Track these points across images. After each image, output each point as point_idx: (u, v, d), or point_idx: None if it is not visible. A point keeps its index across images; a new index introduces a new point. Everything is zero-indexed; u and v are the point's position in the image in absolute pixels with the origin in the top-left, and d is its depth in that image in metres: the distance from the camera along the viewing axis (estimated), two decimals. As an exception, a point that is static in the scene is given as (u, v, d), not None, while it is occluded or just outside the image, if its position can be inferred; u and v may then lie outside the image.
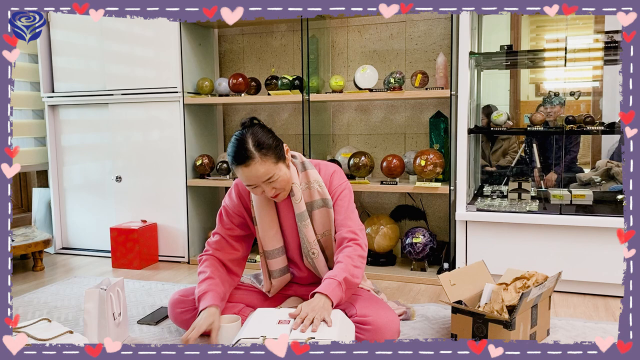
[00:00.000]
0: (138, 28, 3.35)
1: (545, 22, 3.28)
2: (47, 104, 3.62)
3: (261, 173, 1.81)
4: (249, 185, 1.87)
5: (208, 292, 1.91)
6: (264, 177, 1.83)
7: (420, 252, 2.94)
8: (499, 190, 3.12)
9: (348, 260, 1.85)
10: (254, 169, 1.81)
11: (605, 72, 3.10)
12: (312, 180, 1.98)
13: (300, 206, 1.97)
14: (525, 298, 1.78)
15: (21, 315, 2.43)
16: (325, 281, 1.80)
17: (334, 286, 1.77)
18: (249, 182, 1.85)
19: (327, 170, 2.03)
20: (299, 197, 1.96)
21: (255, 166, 1.80)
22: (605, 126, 2.77)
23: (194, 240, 3.44)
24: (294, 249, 2.08)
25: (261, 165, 1.81)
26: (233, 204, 2.06)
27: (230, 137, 3.75)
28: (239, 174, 1.85)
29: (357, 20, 3.40)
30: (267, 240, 2.03)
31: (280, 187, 1.89)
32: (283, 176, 1.88)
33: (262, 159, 1.81)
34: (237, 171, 1.85)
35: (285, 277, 2.11)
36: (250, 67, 3.68)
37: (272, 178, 1.84)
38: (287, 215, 2.03)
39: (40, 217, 3.78)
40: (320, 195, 1.98)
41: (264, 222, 2.01)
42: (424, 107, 3.34)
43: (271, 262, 2.06)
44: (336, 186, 2.01)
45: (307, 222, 1.97)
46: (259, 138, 1.83)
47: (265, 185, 1.85)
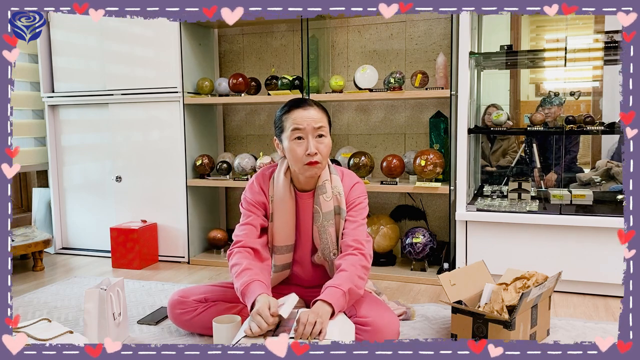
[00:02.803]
0: (138, 28, 3.35)
1: (545, 22, 3.28)
2: (47, 104, 3.62)
3: (316, 117, 1.87)
4: (297, 130, 1.86)
5: (252, 283, 1.80)
6: (317, 123, 1.86)
7: (420, 252, 2.94)
8: (499, 190, 3.12)
9: (352, 269, 1.83)
10: (311, 112, 1.87)
11: (605, 72, 3.10)
12: (334, 186, 1.98)
13: (329, 204, 1.96)
14: (525, 298, 1.78)
15: (21, 315, 2.43)
16: (329, 289, 1.77)
17: (338, 295, 1.75)
18: (301, 122, 1.86)
19: (350, 181, 2.02)
20: (330, 195, 1.96)
21: (313, 111, 1.88)
22: (605, 126, 2.77)
23: (194, 240, 3.44)
24: (304, 249, 2.06)
25: (318, 113, 1.88)
26: (254, 195, 2.02)
27: (231, 137, 3.78)
28: (291, 118, 1.87)
29: (357, 20, 3.40)
30: (280, 237, 2.01)
31: (322, 153, 1.89)
32: (328, 142, 1.91)
33: (319, 110, 1.90)
34: (289, 117, 1.88)
35: (284, 273, 2.11)
36: (250, 67, 3.68)
37: (322, 130, 1.87)
38: (304, 216, 2.02)
39: (40, 217, 3.78)
40: (337, 203, 1.97)
41: (281, 218, 1.99)
42: (424, 107, 3.34)
43: (278, 256, 2.04)
44: (355, 197, 2.00)
45: (332, 221, 1.96)
46: (317, 102, 1.96)
47: (312, 137, 1.86)
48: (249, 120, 3.75)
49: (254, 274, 1.84)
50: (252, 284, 1.80)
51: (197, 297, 2.07)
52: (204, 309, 2.04)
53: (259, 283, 1.80)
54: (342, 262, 1.86)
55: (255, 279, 1.82)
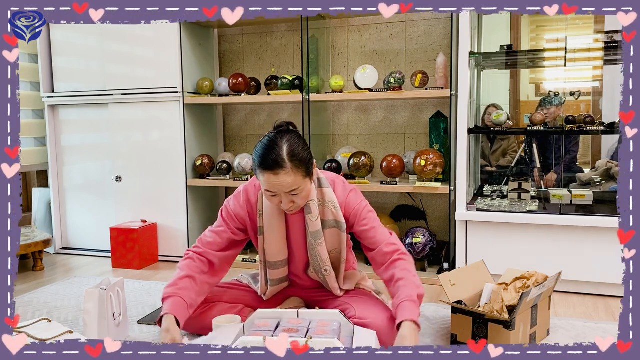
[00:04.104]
0: (138, 28, 3.35)
1: (545, 22, 3.28)
2: (47, 104, 3.62)
3: (287, 184, 1.73)
4: (268, 192, 1.78)
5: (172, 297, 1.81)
6: (289, 189, 1.74)
7: (420, 252, 2.94)
8: (499, 190, 3.12)
9: (408, 274, 1.80)
10: (282, 179, 1.72)
11: (605, 72, 3.10)
12: (327, 200, 1.91)
13: (316, 224, 1.90)
14: (525, 298, 1.78)
15: (21, 315, 2.43)
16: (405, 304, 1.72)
17: (414, 308, 1.71)
18: (272, 189, 1.75)
19: (344, 191, 1.95)
20: (316, 215, 1.89)
21: (284, 177, 1.71)
22: (605, 126, 2.77)
23: (194, 241, 3.43)
24: (298, 263, 2.04)
25: (290, 177, 1.72)
26: (237, 208, 1.98)
27: (231, 137, 3.78)
28: (262, 179, 1.75)
29: (357, 20, 3.40)
30: (272, 253, 1.97)
31: (300, 201, 1.82)
32: (307, 191, 1.81)
33: (292, 171, 1.72)
34: (261, 175, 1.75)
35: (282, 285, 2.09)
36: (250, 67, 3.68)
37: (296, 191, 1.76)
38: (296, 230, 1.98)
39: (40, 217, 3.78)
40: (333, 217, 1.91)
41: (272, 235, 1.94)
42: (424, 107, 3.34)
43: (272, 271, 2.01)
44: (354, 207, 1.93)
45: (321, 240, 1.91)
46: (294, 148, 1.74)
47: (285, 197, 1.77)
48: (249, 120, 3.75)
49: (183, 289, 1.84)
50: (172, 298, 1.81)
51: (196, 297, 2.07)
52: (203, 309, 2.04)
53: (179, 300, 1.81)
54: (395, 271, 1.82)
55: (179, 294, 1.82)
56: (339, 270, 2.01)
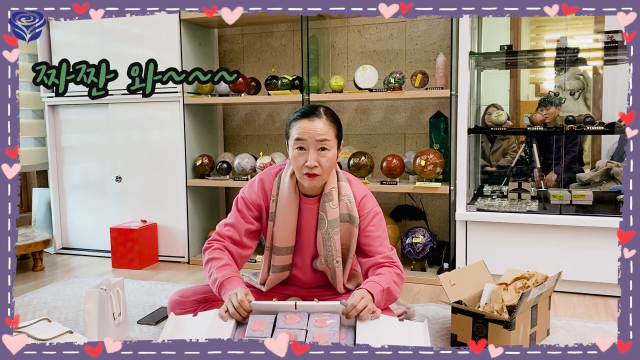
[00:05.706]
0: (138, 28, 3.35)
1: (545, 22, 3.28)
2: (47, 104, 3.62)
3: (320, 129, 1.81)
4: (299, 140, 1.83)
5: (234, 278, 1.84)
6: (320, 136, 1.81)
7: (420, 252, 2.94)
8: (499, 190, 3.12)
9: (389, 275, 1.83)
10: (316, 124, 1.82)
11: (605, 72, 3.10)
12: (344, 193, 1.94)
13: (335, 212, 1.92)
14: (525, 298, 1.78)
15: (21, 315, 2.43)
16: (369, 283, 1.77)
17: (378, 290, 1.75)
18: (303, 136, 1.82)
19: (360, 191, 1.99)
20: (336, 203, 1.92)
21: (318, 122, 1.82)
22: (605, 126, 2.77)
23: (194, 240, 3.44)
24: (305, 254, 2.04)
25: (324, 125, 1.83)
26: (252, 195, 2.00)
27: (231, 137, 3.78)
28: (295, 128, 1.83)
29: (357, 20, 3.40)
30: (281, 238, 1.98)
31: (323, 166, 1.84)
32: (331, 156, 1.86)
33: (327, 122, 1.84)
34: (295, 125, 1.84)
35: (283, 274, 2.09)
36: (250, 67, 3.68)
37: (324, 143, 1.83)
38: (308, 221, 1.98)
39: (40, 217, 3.78)
40: (347, 211, 1.94)
41: (283, 219, 1.96)
42: (424, 107, 3.34)
43: (277, 257, 2.01)
44: (368, 210, 1.96)
45: (338, 229, 1.93)
46: (332, 111, 1.90)
47: (313, 152, 1.82)
48: (248, 120, 3.75)
49: (236, 272, 1.89)
50: (234, 279, 1.84)
51: (196, 297, 2.07)
52: (203, 309, 2.04)
53: (240, 280, 1.85)
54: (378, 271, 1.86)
55: (237, 275, 1.86)
56: (346, 265, 2.02)
